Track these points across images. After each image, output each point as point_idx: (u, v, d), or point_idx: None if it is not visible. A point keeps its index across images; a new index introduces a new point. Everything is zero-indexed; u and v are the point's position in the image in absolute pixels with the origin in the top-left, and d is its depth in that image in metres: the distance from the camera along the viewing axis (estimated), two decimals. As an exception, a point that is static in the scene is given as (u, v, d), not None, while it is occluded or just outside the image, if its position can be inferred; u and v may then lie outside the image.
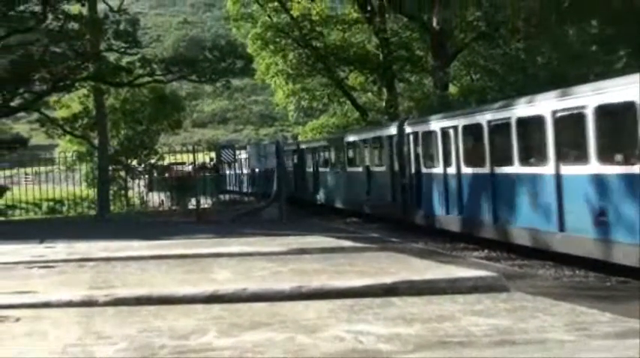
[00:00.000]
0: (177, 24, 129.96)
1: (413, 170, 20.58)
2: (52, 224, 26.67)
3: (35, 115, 41.51)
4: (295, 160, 34.07)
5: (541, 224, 14.29)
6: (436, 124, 19.15)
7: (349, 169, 26.31)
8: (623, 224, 11.95)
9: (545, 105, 14.08)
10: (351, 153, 26.76)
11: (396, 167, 21.79)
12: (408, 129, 20.90)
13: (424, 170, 19.95)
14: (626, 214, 11.86)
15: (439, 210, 18.83)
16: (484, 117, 16.58)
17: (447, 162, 18.41)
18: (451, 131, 18.13)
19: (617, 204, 12.11)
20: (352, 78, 37.73)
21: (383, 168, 22.91)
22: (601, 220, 12.40)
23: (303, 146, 34.01)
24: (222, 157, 28.07)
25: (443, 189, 18.59)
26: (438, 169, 18.94)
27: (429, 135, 19.62)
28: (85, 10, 30.23)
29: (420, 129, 20.16)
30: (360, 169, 24.98)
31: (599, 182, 12.45)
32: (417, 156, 20.43)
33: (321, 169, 30.24)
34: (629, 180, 11.75)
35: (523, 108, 15.13)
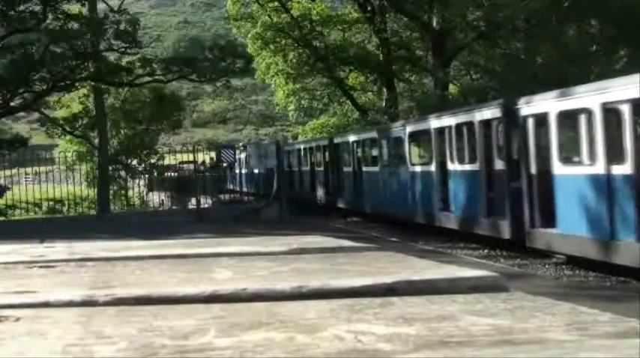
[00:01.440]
0: (177, 24, 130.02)
1: (534, 169, 14.50)
2: (53, 223, 26.67)
3: (35, 115, 41.58)
4: (326, 158, 28.87)
5: None
6: (591, 100, 12.70)
7: (412, 168, 20.48)
8: None
9: None
10: (415, 147, 21.32)
11: (499, 165, 15.85)
12: (525, 111, 14.73)
13: (560, 169, 13.63)
14: None
15: (599, 232, 12.53)
16: None
17: (612, 158, 12.18)
18: (625, 107, 11.87)
19: None
20: (352, 78, 37.76)
21: (473, 167, 16.91)
22: None
23: (338, 140, 28.12)
24: (223, 157, 28.05)
25: (607, 199, 12.25)
26: (594, 168, 12.62)
27: (571, 116, 13.47)
28: (85, 10, 30.27)
29: (553, 108, 13.81)
30: (432, 168, 19.20)
31: None
32: (541, 148, 14.48)
33: (366, 169, 24.51)
34: None
35: None
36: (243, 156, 34.87)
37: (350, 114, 39.43)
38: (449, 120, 18.45)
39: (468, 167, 17.24)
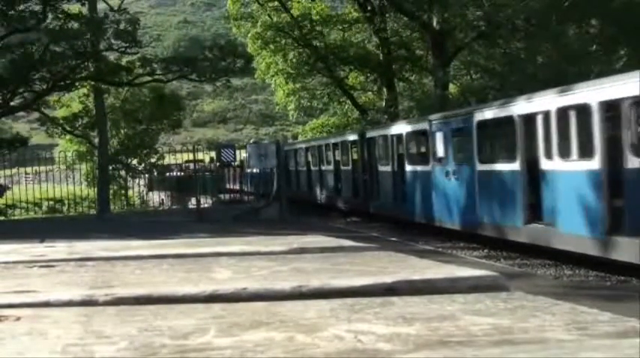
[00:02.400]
0: (177, 23, 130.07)
1: None
2: (53, 223, 26.69)
3: (35, 115, 41.54)
4: (354, 156, 25.43)
5: None
6: None
7: (482, 167, 16.38)
8: None
9: None
10: (487, 140, 16.92)
11: (634, 162, 11.69)
12: None
13: None
14: None
15: None
16: None
17: None
18: None
19: None
20: (352, 77, 37.78)
21: (587, 165, 12.59)
22: None
23: (372, 134, 23.96)
24: (223, 157, 28.07)
25: None
26: None
27: None
28: (85, 10, 30.26)
29: None
30: (515, 167, 15.01)
31: None
32: None
33: (410, 168, 20.41)
34: None
35: None
36: (244, 155, 34.82)
37: (350, 114, 39.45)
38: (546, 104, 13.99)
39: (577, 166, 12.92)
